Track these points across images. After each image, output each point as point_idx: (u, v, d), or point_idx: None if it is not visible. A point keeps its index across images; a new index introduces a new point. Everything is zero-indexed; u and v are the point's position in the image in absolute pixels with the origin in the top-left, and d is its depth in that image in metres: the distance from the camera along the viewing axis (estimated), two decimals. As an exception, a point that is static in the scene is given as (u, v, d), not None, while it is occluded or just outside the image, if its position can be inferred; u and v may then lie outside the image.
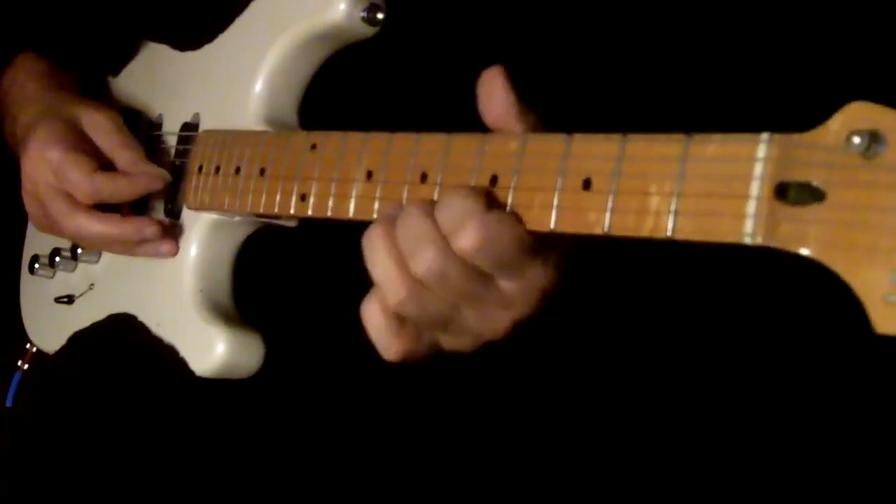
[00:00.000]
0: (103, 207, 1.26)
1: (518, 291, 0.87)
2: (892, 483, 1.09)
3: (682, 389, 1.14)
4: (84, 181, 1.23)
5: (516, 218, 0.85)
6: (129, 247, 1.26)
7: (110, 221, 1.24)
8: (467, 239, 0.83)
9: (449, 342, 0.91)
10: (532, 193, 0.87)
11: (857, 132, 0.69)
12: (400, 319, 0.88)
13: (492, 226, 0.83)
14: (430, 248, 0.84)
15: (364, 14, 1.12)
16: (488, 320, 0.89)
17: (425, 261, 0.84)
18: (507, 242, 0.83)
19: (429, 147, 0.96)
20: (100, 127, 1.27)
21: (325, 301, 1.23)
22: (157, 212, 1.28)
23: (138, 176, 1.24)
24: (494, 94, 0.89)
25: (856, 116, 0.71)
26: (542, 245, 0.86)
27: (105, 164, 1.26)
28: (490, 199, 0.86)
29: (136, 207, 1.28)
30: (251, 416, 1.24)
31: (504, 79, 0.88)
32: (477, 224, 0.82)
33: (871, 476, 1.10)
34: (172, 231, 1.24)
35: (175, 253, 1.24)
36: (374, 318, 0.89)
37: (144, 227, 1.23)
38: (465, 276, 0.85)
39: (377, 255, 0.87)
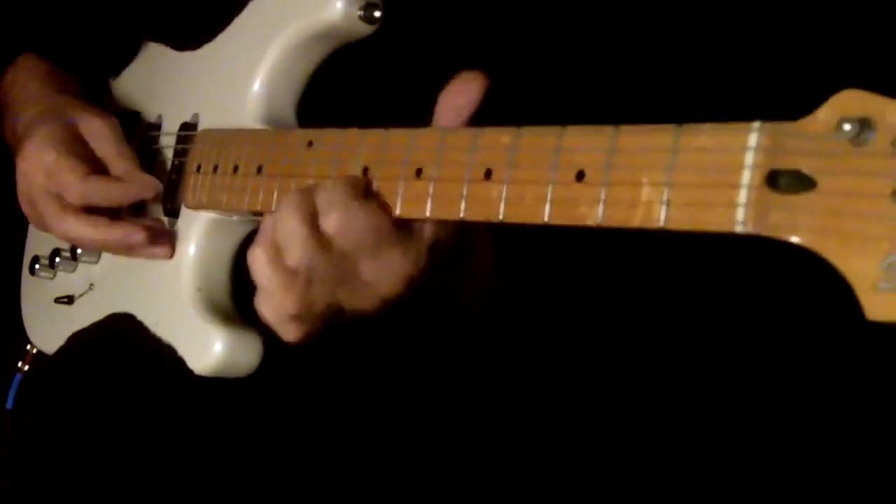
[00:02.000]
0: (99, 210, 1.26)
1: (378, 273, 0.97)
2: (886, 476, 1.09)
3: (676, 381, 1.14)
4: (76, 184, 1.23)
5: (380, 208, 0.96)
6: (120, 251, 1.26)
7: (99, 225, 1.25)
8: (331, 221, 0.95)
9: (336, 318, 1.00)
10: (525, 186, 0.87)
11: (847, 119, 0.69)
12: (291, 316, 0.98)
13: (354, 211, 0.94)
14: (297, 241, 0.95)
15: (361, 13, 1.13)
16: (355, 297, 0.98)
17: (295, 253, 0.95)
18: (364, 228, 0.94)
19: (424, 142, 0.96)
20: (98, 133, 1.28)
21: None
22: (156, 211, 1.28)
23: (131, 183, 1.25)
24: (463, 97, 0.96)
25: (846, 104, 0.70)
26: (405, 236, 0.96)
27: (99, 170, 1.26)
28: (359, 188, 0.97)
29: (136, 207, 1.29)
30: (249, 414, 1.24)
31: (480, 88, 0.96)
32: (341, 209, 0.94)
33: (865, 468, 1.10)
34: (165, 234, 1.25)
35: (170, 255, 1.24)
36: (270, 316, 1.00)
37: (132, 234, 1.23)
38: (330, 260, 0.95)
39: (258, 267, 0.98)
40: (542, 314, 1.10)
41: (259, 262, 0.98)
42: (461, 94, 0.95)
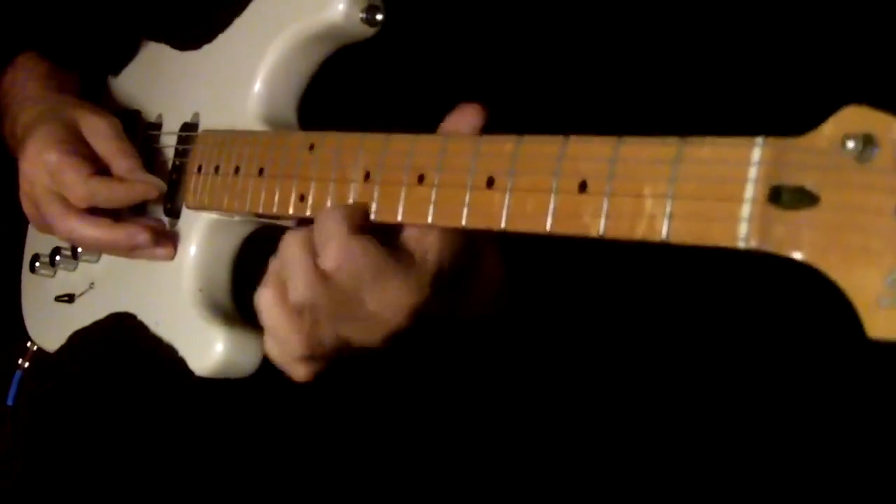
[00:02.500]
0: (101, 210, 1.26)
1: (381, 304, 0.96)
2: (887, 483, 1.09)
3: (682, 391, 1.14)
4: (79, 184, 1.23)
5: (376, 242, 0.95)
6: (122, 251, 1.26)
7: (103, 226, 1.24)
8: (327, 260, 0.95)
9: (342, 354, 1.00)
10: (528, 195, 0.87)
11: (851, 136, 0.69)
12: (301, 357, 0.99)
13: (349, 247, 0.94)
14: (301, 277, 0.95)
15: (363, 15, 1.12)
16: (361, 333, 0.98)
17: (298, 289, 0.95)
18: (362, 262, 0.94)
19: (426, 148, 0.96)
20: (99, 132, 1.27)
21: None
22: (157, 212, 1.28)
23: (134, 183, 1.25)
24: (470, 123, 0.96)
25: (849, 120, 0.70)
26: (405, 266, 0.96)
27: (101, 170, 1.26)
28: (356, 219, 0.97)
29: (136, 207, 1.29)
30: (249, 414, 1.24)
31: (480, 119, 0.96)
32: (336, 246, 0.94)
33: (865, 476, 1.10)
34: (168, 235, 1.25)
35: (172, 257, 1.24)
36: (278, 358, 1.01)
37: (136, 234, 1.23)
38: (331, 296, 0.95)
39: (266, 308, 0.99)
40: (549, 324, 1.10)
41: (267, 304, 0.98)
42: (463, 125, 0.96)
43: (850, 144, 0.69)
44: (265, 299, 0.98)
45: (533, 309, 1.08)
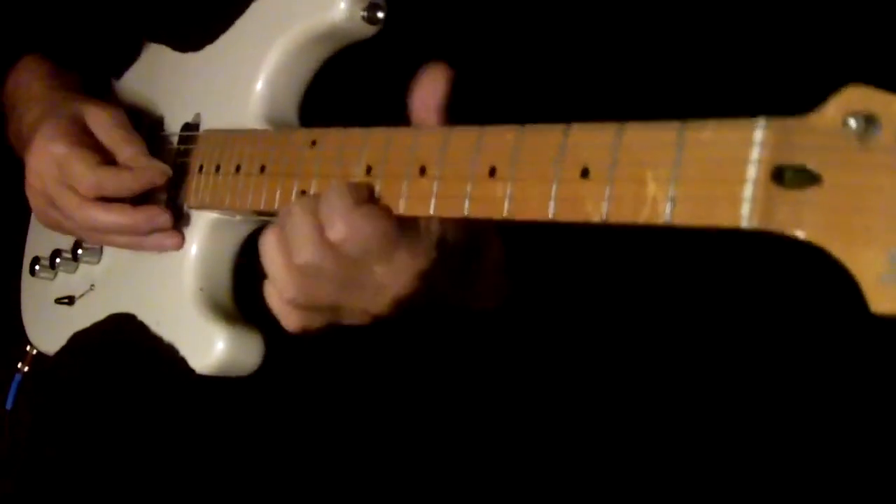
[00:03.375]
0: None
1: (390, 274, 0.97)
2: (889, 476, 1.09)
3: (684, 379, 1.14)
4: (88, 174, 1.23)
5: (383, 212, 0.96)
6: (137, 239, 1.25)
7: (122, 211, 1.24)
8: (335, 232, 0.95)
9: (341, 317, 1.02)
10: (530, 184, 0.87)
11: (853, 115, 0.70)
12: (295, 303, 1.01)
13: (357, 220, 0.95)
14: (307, 241, 0.96)
15: (364, 13, 1.13)
16: (370, 301, 0.99)
17: (303, 254, 0.96)
18: (370, 234, 0.95)
19: (427, 141, 0.97)
20: (103, 122, 1.28)
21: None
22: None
23: (141, 170, 1.25)
24: (431, 90, 0.99)
25: (851, 100, 0.71)
26: (411, 236, 0.97)
27: (109, 160, 1.26)
28: (361, 193, 0.97)
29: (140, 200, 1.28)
30: (251, 413, 1.24)
31: (445, 79, 0.99)
32: (344, 219, 0.95)
33: (867, 466, 1.10)
34: (179, 223, 1.25)
35: (181, 246, 1.24)
36: (273, 301, 1.02)
37: (157, 216, 1.23)
38: (339, 263, 0.96)
39: (268, 254, 1.00)
40: (551, 314, 1.10)
41: (269, 249, 0.99)
42: (430, 90, 0.98)
43: (852, 124, 0.70)
44: (269, 246, 0.99)
45: (533, 300, 1.08)
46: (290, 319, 1.01)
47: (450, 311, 1.03)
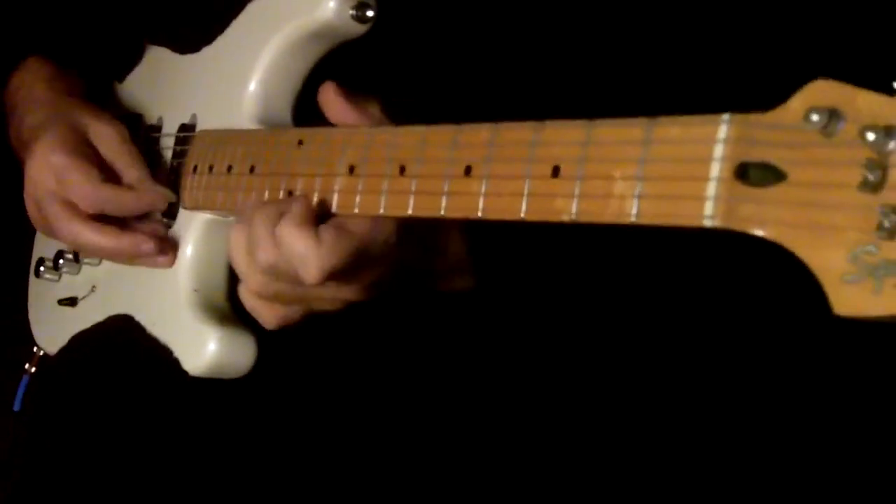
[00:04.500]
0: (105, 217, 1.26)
1: (353, 291, 1.01)
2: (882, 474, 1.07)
3: (662, 377, 1.12)
4: (89, 190, 1.23)
5: (345, 234, 0.96)
6: (124, 259, 1.26)
7: (108, 233, 1.24)
8: (310, 278, 0.95)
9: (312, 308, 1.04)
10: (503, 182, 0.86)
11: (816, 109, 0.68)
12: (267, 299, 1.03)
13: (328, 258, 0.94)
14: (265, 241, 0.98)
15: (353, 12, 1.12)
16: (335, 290, 1.01)
17: (262, 258, 0.99)
18: (346, 263, 0.95)
19: (406, 140, 0.96)
20: (107, 139, 1.27)
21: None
22: (154, 213, 1.28)
23: (143, 193, 1.25)
24: (330, 105, 1.04)
25: (816, 94, 0.69)
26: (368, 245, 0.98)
27: (109, 176, 1.26)
28: (315, 219, 0.98)
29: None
30: (245, 415, 1.24)
31: (334, 92, 1.04)
32: (315, 264, 0.94)
33: (861, 466, 1.08)
34: (169, 242, 1.25)
35: (172, 264, 1.24)
36: (247, 300, 1.06)
37: (142, 244, 1.23)
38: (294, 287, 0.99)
39: (234, 251, 1.03)
40: (517, 310, 1.09)
41: (236, 245, 1.02)
42: (334, 111, 1.03)
43: (815, 118, 0.68)
44: (236, 242, 1.03)
45: (500, 296, 1.07)
46: (264, 317, 1.04)
47: (414, 289, 1.04)
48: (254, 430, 1.24)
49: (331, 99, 1.04)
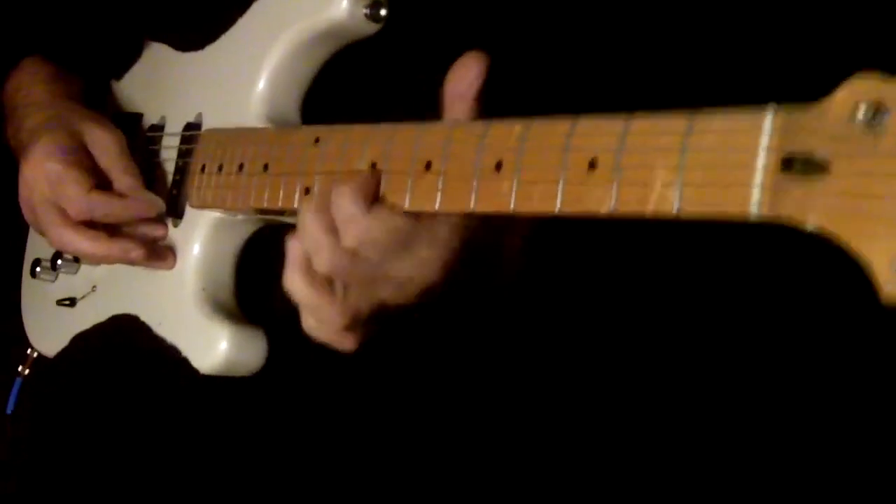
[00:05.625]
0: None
1: (412, 268, 0.96)
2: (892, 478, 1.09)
3: (686, 374, 1.14)
4: (79, 198, 1.23)
5: (395, 211, 0.95)
6: (117, 263, 1.26)
7: (97, 240, 1.24)
8: (348, 240, 0.94)
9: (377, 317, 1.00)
10: (536, 177, 0.87)
11: (862, 103, 0.70)
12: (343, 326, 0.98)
13: (368, 224, 0.94)
14: (323, 250, 0.95)
15: (367, 11, 1.13)
16: (396, 295, 0.98)
17: (323, 260, 0.96)
18: (383, 236, 0.94)
19: (432, 136, 0.96)
20: (104, 146, 1.27)
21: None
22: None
23: (133, 201, 1.25)
24: (467, 75, 0.97)
25: (860, 88, 0.71)
26: (427, 226, 0.96)
27: (102, 182, 1.26)
28: (369, 190, 0.96)
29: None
30: (254, 413, 1.24)
31: (481, 65, 0.97)
32: (355, 225, 0.94)
33: (872, 466, 1.10)
34: (166, 246, 1.24)
35: (171, 267, 1.24)
36: (319, 335, 1.01)
37: (130, 251, 1.23)
38: (358, 265, 0.95)
39: (298, 290, 0.99)
40: (561, 303, 1.10)
41: (297, 284, 0.98)
42: (463, 79, 0.96)
43: (861, 112, 0.70)
44: (293, 280, 0.98)
45: (545, 285, 1.08)
46: (345, 343, 0.99)
47: (467, 291, 1.02)
48: (261, 431, 1.24)
49: (472, 69, 0.96)
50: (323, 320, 0.98)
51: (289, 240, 0.99)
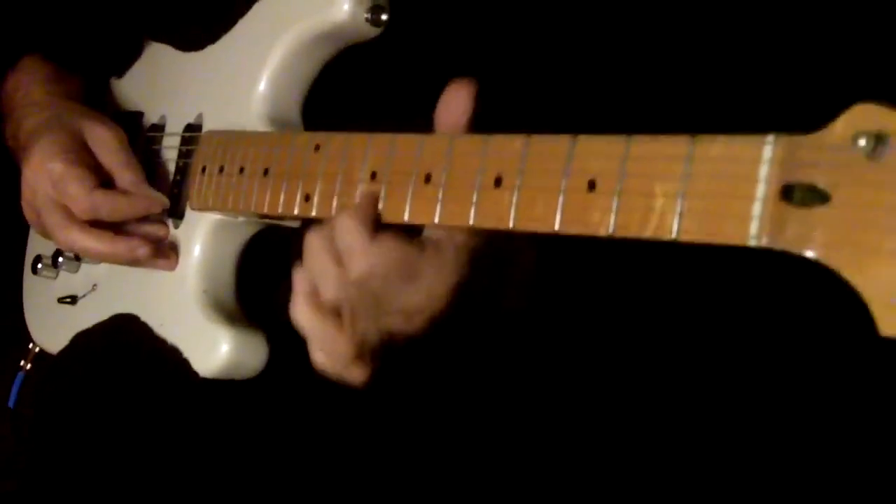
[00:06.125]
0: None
1: (421, 295, 0.96)
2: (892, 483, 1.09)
3: (684, 391, 1.14)
4: (83, 197, 1.23)
5: (400, 239, 0.94)
6: (121, 263, 1.26)
7: (103, 239, 1.24)
8: (354, 272, 0.94)
9: (387, 344, 0.99)
10: (536, 194, 0.87)
11: (863, 133, 0.69)
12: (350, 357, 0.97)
13: (373, 257, 0.93)
14: (329, 280, 0.95)
15: (368, 15, 1.12)
16: (405, 324, 0.97)
17: (329, 289, 0.95)
18: (388, 267, 0.93)
19: (433, 148, 0.96)
20: (104, 143, 1.27)
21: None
22: (161, 213, 1.28)
23: (138, 198, 1.25)
24: (457, 105, 0.96)
25: (861, 117, 0.70)
26: (434, 253, 0.95)
27: (104, 180, 1.26)
28: (371, 225, 0.95)
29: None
30: (254, 416, 1.24)
31: (470, 94, 0.96)
32: (360, 258, 0.94)
33: (871, 475, 1.10)
34: (170, 245, 1.24)
35: (173, 268, 1.24)
36: (326, 367, 0.98)
37: (137, 248, 1.23)
38: (366, 297, 0.95)
39: (305, 320, 0.97)
40: (570, 321, 1.10)
41: (303, 314, 0.97)
42: (455, 108, 0.95)
43: (862, 142, 0.69)
44: (300, 311, 0.97)
45: (556, 305, 1.07)
46: (353, 375, 0.97)
47: (479, 313, 1.01)
48: (260, 432, 1.24)
49: (462, 100, 0.96)
50: (331, 351, 0.96)
51: (295, 271, 0.98)
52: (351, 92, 1.20)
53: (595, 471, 1.17)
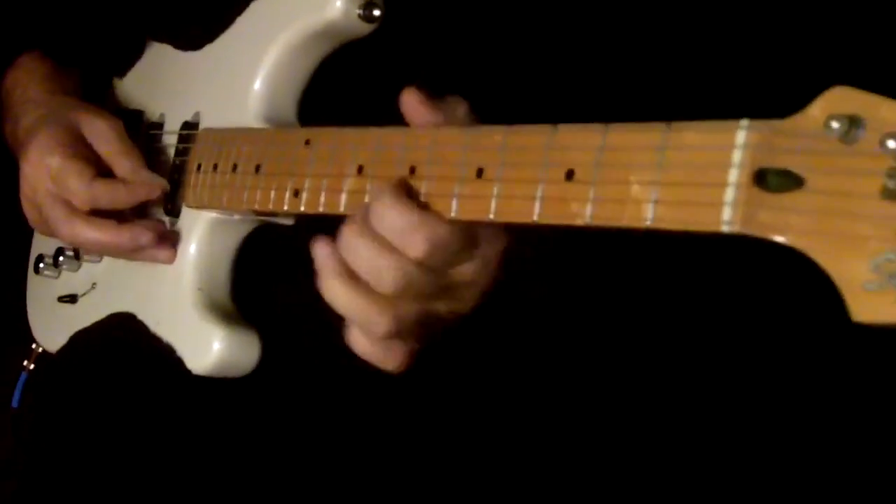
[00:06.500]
0: (104, 212, 1.26)
1: (476, 270, 0.94)
2: (882, 478, 1.07)
3: (680, 381, 1.12)
4: (82, 188, 1.23)
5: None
6: (126, 253, 1.26)
7: (107, 229, 1.24)
8: (415, 250, 0.90)
9: (432, 329, 0.97)
10: (516, 185, 0.86)
11: (836, 117, 0.68)
12: (387, 341, 0.94)
13: (431, 228, 0.90)
14: (389, 268, 0.90)
15: (361, 11, 1.12)
16: (460, 300, 0.95)
17: (389, 282, 0.91)
18: (449, 236, 0.90)
19: (417, 141, 0.96)
20: (100, 133, 1.27)
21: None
22: (157, 211, 1.28)
23: (137, 184, 1.25)
24: (414, 112, 0.96)
25: (836, 101, 0.69)
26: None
27: (104, 171, 1.26)
28: (409, 195, 0.92)
29: (137, 207, 1.28)
30: (250, 413, 1.24)
31: (416, 99, 0.96)
32: (420, 232, 0.90)
33: (860, 470, 1.08)
34: (170, 237, 1.24)
35: (173, 260, 1.24)
36: (366, 348, 0.95)
37: (140, 235, 1.23)
38: (428, 276, 0.92)
39: (342, 300, 0.93)
40: (562, 313, 1.09)
41: (336, 290, 0.92)
42: (417, 115, 0.96)
43: (835, 126, 0.68)
44: (332, 287, 0.92)
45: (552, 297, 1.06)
46: (391, 358, 0.94)
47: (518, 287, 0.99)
48: (255, 430, 1.24)
49: (413, 105, 0.96)
50: (369, 328, 0.92)
51: (315, 247, 0.94)
52: (348, 90, 1.20)
53: (592, 460, 1.15)
